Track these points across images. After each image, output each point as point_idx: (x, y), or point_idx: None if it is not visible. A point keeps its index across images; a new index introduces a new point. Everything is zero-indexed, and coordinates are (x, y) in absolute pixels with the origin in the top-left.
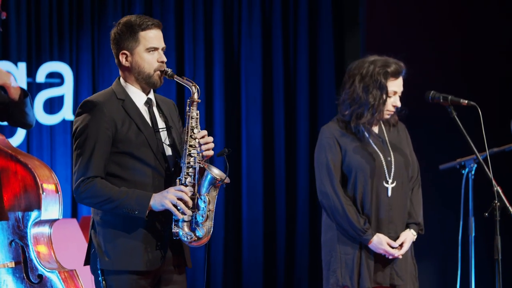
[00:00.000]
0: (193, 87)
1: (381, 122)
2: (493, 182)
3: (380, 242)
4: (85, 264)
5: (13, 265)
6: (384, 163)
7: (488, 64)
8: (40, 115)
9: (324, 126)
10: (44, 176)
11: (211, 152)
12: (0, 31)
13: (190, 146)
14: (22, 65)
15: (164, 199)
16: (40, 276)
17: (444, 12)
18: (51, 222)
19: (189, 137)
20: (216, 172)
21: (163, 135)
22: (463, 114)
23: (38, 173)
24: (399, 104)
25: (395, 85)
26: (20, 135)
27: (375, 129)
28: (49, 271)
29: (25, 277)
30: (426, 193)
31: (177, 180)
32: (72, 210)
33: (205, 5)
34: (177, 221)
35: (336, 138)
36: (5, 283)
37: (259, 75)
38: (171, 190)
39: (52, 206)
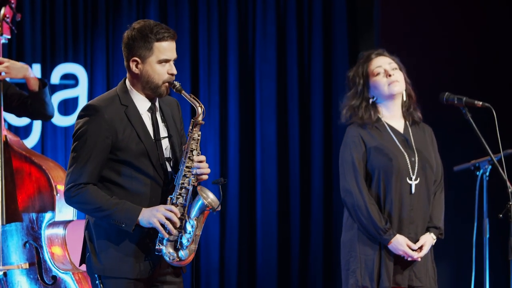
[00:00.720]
0: (199, 108)
1: (405, 120)
2: (507, 183)
3: (400, 243)
4: (80, 264)
5: (27, 266)
6: (408, 162)
7: (502, 65)
8: (54, 116)
9: (350, 125)
10: (58, 177)
11: (205, 177)
12: (15, 32)
13: (187, 167)
14: (37, 67)
15: (152, 218)
16: (54, 277)
17: (458, 12)
18: (65, 223)
19: (187, 158)
20: (210, 197)
21: (164, 143)
22: (477, 116)
23: (52, 174)
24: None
25: (378, 63)
26: (34, 136)
27: (400, 128)
28: (63, 272)
29: (39, 278)
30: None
31: (168, 199)
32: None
33: (219, 6)
34: (162, 238)
35: (362, 137)
36: (19, 284)
37: (274, 75)
38: (161, 209)
39: (66, 208)
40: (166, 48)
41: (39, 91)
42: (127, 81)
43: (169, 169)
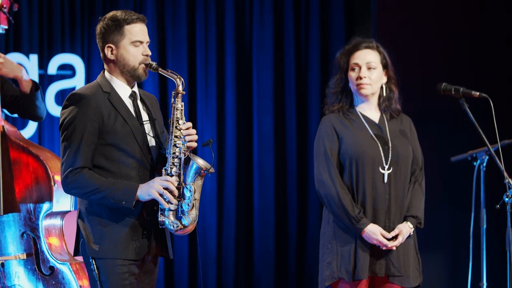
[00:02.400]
0: (178, 80)
1: (382, 112)
2: (505, 174)
3: (373, 232)
4: (74, 255)
5: (25, 257)
6: (381, 150)
7: (498, 56)
8: (51, 107)
9: (325, 115)
10: (55, 168)
11: (194, 144)
12: (12, 22)
13: (175, 136)
14: (34, 57)
15: (150, 189)
16: (52, 268)
17: (455, 4)
18: (62, 214)
19: (174, 128)
20: (200, 162)
21: (147, 127)
22: (474, 106)
23: (49, 165)
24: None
25: (358, 58)
26: (31, 127)
27: (375, 118)
28: (61, 263)
29: (37, 269)
30: (437, 184)
31: (163, 170)
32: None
33: None
34: (163, 210)
35: (334, 127)
36: (17, 275)
37: (271, 65)
38: (157, 180)
39: (63, 198)
40: (137, 31)
41: (31, 94)
42: (105, 72)
43: (155, 150)
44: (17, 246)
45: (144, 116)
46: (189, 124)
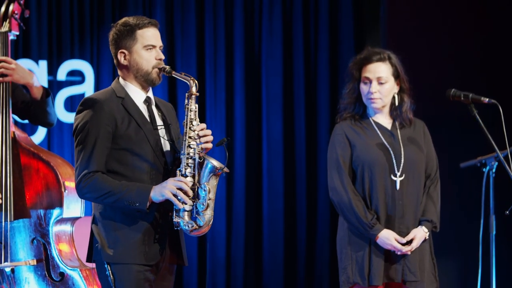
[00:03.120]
0: (191, 81)
1: (394, 120)
2: None
3: (387, 237)
4: (87, 261)
5: (35, 263)
6: (393, 157)
7: (508, 61)
8: (61, 113)
9: (337, 123)
10: (66, 174)
11: (209, 145)
12: (23, 29)
13: (190, 137)
14: (43, 63)
15: (163, 189)
16: (62, 274)
17: (465, 9)
18: (73, 220)
19: (188, 129)
20: (215, 162)
21: (162, 132)
22: (483, 112)
23: (60, 171)
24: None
25: (370, 71)
26: (41, 133)
27: (388, 126)
28: (71, 269)
29: (47, 275)
30: (446, 191)
31: (177, 171)
32: (92, 208)
33: (225, 2)
34: (177, 211)
35: (346, 134)
36: (27, 281)
37: (280, 72)
38: (171, 180)
39: (74, 204)
40: (149, 35)
41: (41, 100)
42: (120, 78)
43: (169, 155)
44: (27, 252)
45: (159, 121)
46: (203, 125)
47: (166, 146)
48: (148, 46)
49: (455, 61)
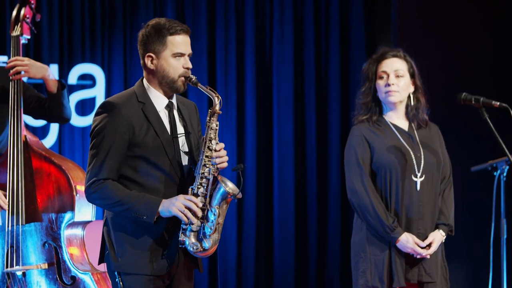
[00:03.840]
0: (216, 98)
1: (410, 121)
2: None
3: (407, 241)
4: (99, 263)
5: (46, 267)
6: (413, 158)
7: None
8: (72, 117)
9: (354, 125)
10: (77, 177)
11: (224, 165)
12: (34, 33)
13: (206, 157)
14: (54, 67)
15: (172, 206)
16: (73, 278)
17: (476, 12)
18: (84, 224)
19: (206, 148)
20: (230, 186)
21: (181, 140)
22: (494, 116)
23: (71, 174)
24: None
25: (386, 66)
26: (52, 136)
27: (405, 127)
28: (82, 273)
29: (58, 279)
30: (457, 194)
31: (189, 189)
32: (104, 212)
33: (236, 5)
34: (184, 229)
35: (365, 136)
36: (38, 284)
37: (291, 75)
38: (180, 198)
39: (85, 208)
40: (180, 42)
41: (57, 93)
42: (144, 80)
43: (186, 166)
44: (39, 255)
45: (180, 129)
46: (222, 145)
47: (184, 157)
48: (177, 54)
49: (466, 64)
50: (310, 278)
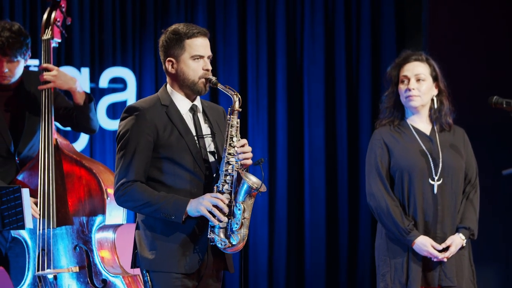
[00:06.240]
0: (235, 96)
1: (433, 124)
2: None
3: (423, 243)
4: (132, 267)
5: (78, 270)
6: (431, 161)
7: None
8: (103, 120)
9: (376, 129)
10: (108, 181)
11: (249, 161)
12: (65, 36)
13: (229, 154)
14: (85, 71)
15: (199, 206)
16: (104, 281)
17: (506, 17)
18: (115, 227)
19: (228, 145)
20: (253, 180)
21: (207, 141)
22: None
23: (102, 178)
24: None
25: (407, 70)
26: (83, 140)
27: (426, 130)
28: (113, 276)
29: (89, 282)
30: (488, 198)
31: (215, 187)
32: (135, 215)
33: (267, 8)
34: (213, 227)
35: (384, 140)
36: None
37: (322, 77)
38: (207, 196)
39: (116, 211)
40: (198, 45)
41: (84, 105)
42: (167, 85)
43: (212, 165)
44: (70, 259)
45: (205, 130)
46: (244, 141)
47: (209, 156)
48: (195, 56)
49: (496, 69)
50: (341, 281)
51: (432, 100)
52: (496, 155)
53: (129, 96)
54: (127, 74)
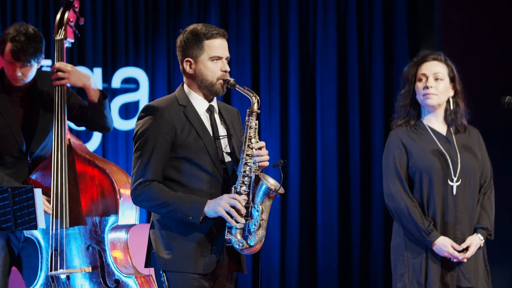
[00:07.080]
0: (254, 98)
1: (449, 125)
2: None
3: (444, 244)
4: (145, 266)
5: (90, 270)
6: (450, 162)
7: None
8: (115, 120)
9: (392, 130)
10: (121, 181)
11: (266, 163)
12: (78, 36)
13: (247, 155)
14: (98, 71)
15: (217, 206)
16: (117, 281)
17: None
18: (128, 227)
19: (246, 146)
20: (271, 182)
21: (223, 142)
22: None
23: (115, 178)
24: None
25: (425, 69)
26: (95, 140)
27: (443, 131)
28: (126, 276)
29: (102, 282)
30: (503, 198)
31: (232, 188)
32: (148, 215)
33: (280, 9)
34: (230, 228)
35: (402, 140)
36: None
37: (334, 79)
38: (225, 197)
39: (129, 211)
40: (216, 46)
41: (98, 102)
42: (184, 85)
43: (229, 166)
44: (83, 259)
45: (221, 131)
46: (262, 143)
47: (226, 157)
48: (214, 57)
49: (508, 69)
50: (353, 282)
51: (448, 101)
52: (508, 155)
53: (142, 96)
54: (139, 74)
